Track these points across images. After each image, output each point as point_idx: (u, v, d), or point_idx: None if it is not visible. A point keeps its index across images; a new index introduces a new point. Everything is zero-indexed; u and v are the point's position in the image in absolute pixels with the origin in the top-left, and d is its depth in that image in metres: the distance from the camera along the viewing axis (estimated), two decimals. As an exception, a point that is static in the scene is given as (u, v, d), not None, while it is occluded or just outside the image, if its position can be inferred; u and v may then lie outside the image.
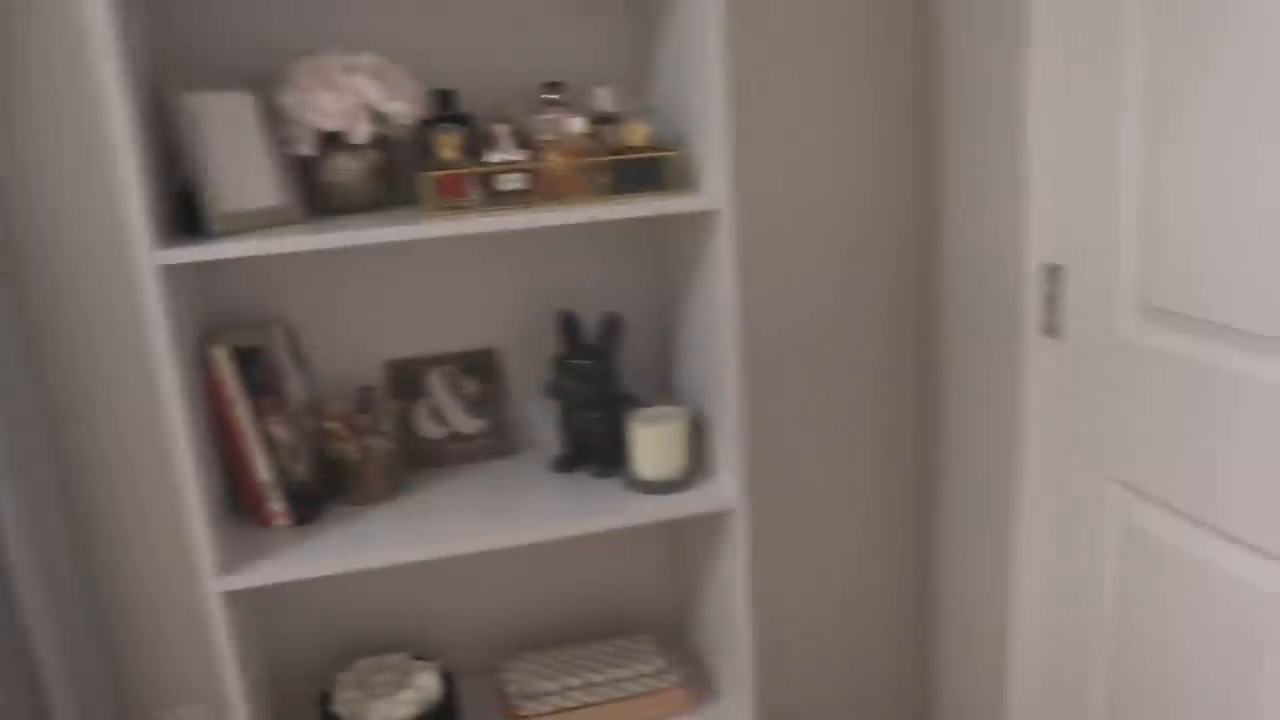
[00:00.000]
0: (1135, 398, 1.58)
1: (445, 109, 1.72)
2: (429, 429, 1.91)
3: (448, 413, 1.91)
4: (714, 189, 1.63)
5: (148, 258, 1.43)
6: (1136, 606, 1.64)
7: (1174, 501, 1.53)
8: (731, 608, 1.81)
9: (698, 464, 1.82)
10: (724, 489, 1.76)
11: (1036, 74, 1.67)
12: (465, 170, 1.58)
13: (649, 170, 1.66)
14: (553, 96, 1.69)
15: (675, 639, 2.14)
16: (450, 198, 1.58)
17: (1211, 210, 1.39)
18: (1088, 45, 1.58)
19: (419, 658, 1.94)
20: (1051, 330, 1.73)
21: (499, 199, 1.60)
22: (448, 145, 1.59)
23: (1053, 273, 1.71)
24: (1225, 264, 1.38)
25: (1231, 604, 1.45)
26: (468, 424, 1.92)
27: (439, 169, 1.58)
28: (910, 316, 2.15)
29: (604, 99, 1.73)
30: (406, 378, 1.89)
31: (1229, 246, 1.37)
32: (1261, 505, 1.38)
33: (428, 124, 1.68)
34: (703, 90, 1.61)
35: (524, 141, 1.64)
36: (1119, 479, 1.64)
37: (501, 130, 1.63)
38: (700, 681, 1.98)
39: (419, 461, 1.90)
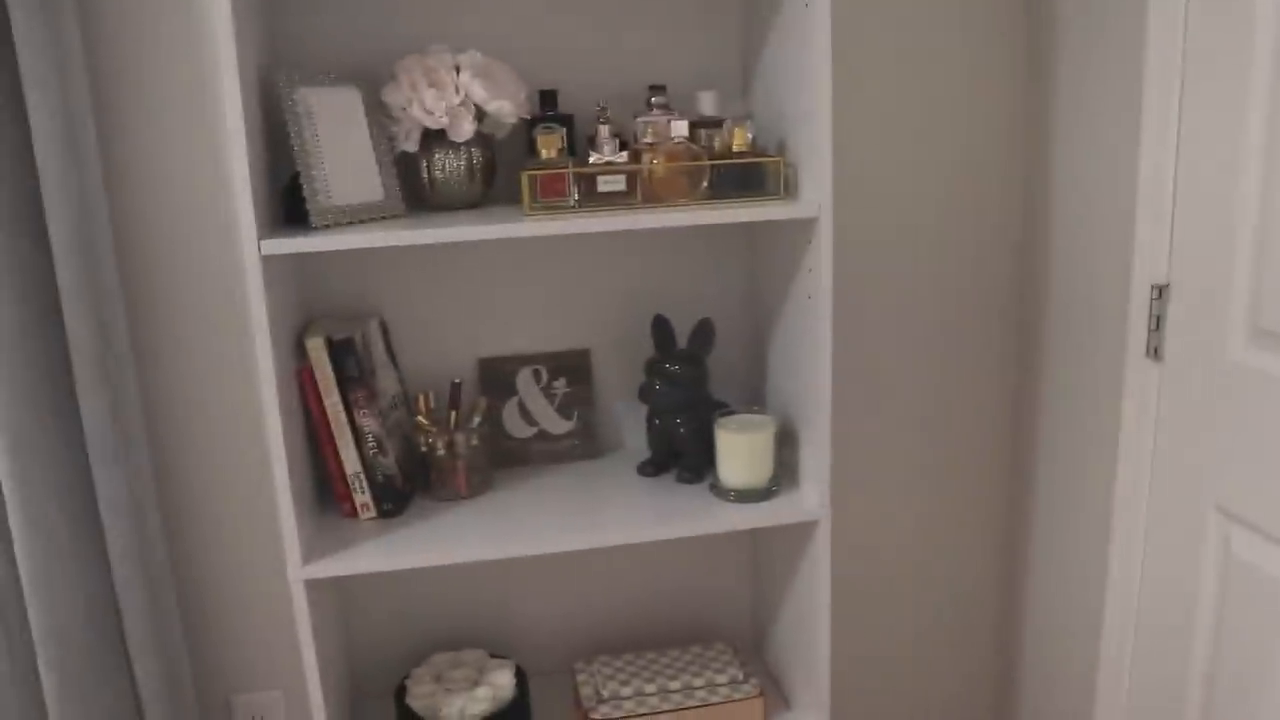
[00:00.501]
0: (1240, 423, 1.53)
1: (548, 109, 1.72)
2: (517, 428, 1.91)
3: (536, 412, 1.91)
4: (813, 196, 1.61)
5: (252, 247, 1.46)
6: (1233, 635, 1.60)
7: (1276, 530, 1.49)
8: (811, 619, 1.79)
9: (784, 472, 1.81)
10: (810, 499, 1.74)
11: (1152, 85, 1.64)
12: (566, 170, 1.59)
13: (749, 175, 1.65)
14: (656, 99, 1.68)
15: (752, 648, 2.12)
16: (550, 197, 1.59)
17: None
18: (1207, 54, 1.54)
19: (494, 655, 1.95)
20: (1155, 351, 1.69)
21: (598, 200, 1.60)
22: (549, 145, 1.60)
23: (1159, 292, 1.67)
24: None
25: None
26: (556, 424, 1.92)
27: (539, 168, 1.59)
28: (1010, 331, 2.11)
29: (707, 103, 1.73)
30: (497, 376, 1.90)
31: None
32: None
33: (530, 123, 1.69)
34: (805, 97, 1.60)
35: (625, 143, 1.64)
36: (1220, 505, 1.59)
37: (603, 131, 1.63)
38: (775, 693, 1.96)
39: (506, 460, 1.91)
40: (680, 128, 1.64)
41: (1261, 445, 1.49)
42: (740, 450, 1.72)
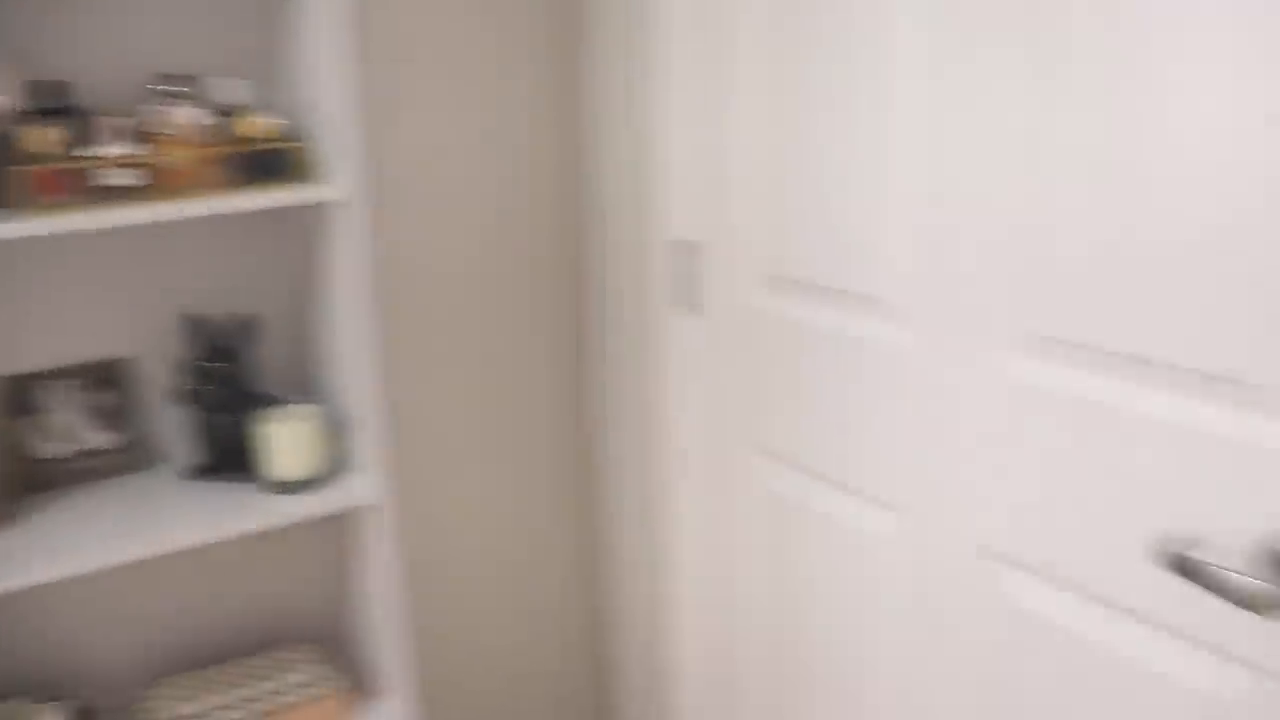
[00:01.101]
0: (766, 366, 1.69)
1: (49, 100, 1.61)
2: (51, 448, 1.77)
3: (72, 429, 1.78)
4: (341, 179, 1.61)
5: None
6: (783, 566, 1.74)
7: (802, 459, 1.65)
8: (384, 607, 1.79)
9: (341, 461, 1.79)
10: (366, 484, 1.73)
11: (663, 66, 1.77)
12: (66, 165, 1.49)
13: (273, 162, 1.62)
14: (170, 88, 1.62)
15: (338, 646, 2.08)
16: (49, 194, 1.49)
17: (824, 184, 1.51)
18: (714, 39, 1.69)
19: (54, 698, 1.79)
20: (692, 305, 1.81)
21: (109, 195, 1.52)
22: (46, 138, 1.50)
23: (691, 249, 1.79)
24: (839, 233, 1.50)
25: (854, 551, 1.58)
26: (96, 439, 1.80)
27: (35, 163, 1.48)
28: (562, 298, 2.18)
29: (227, 90, 1.68)
30: (21, 394, 1.75)
31: (841, 216, 1.49)
32: (878, 458, 1.51)
33: (27, 116, 1.57)
34: (327, 81, 1.60)
35: (142, 135, 1.57)
36: (759, 445, 1.74)
37: (111, 123, 1.55)
38: (362, 687, 1.93)
39: (41, 484, 1.77)
40: (197, 115, 1.59)
41: (784, 385, 1.64)
42: (284, 442, 1.68)
